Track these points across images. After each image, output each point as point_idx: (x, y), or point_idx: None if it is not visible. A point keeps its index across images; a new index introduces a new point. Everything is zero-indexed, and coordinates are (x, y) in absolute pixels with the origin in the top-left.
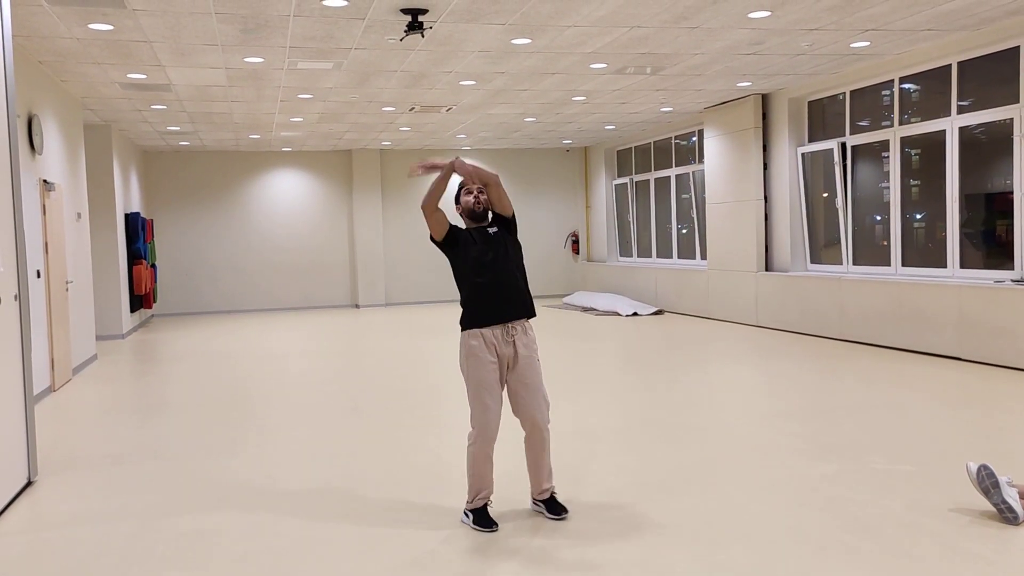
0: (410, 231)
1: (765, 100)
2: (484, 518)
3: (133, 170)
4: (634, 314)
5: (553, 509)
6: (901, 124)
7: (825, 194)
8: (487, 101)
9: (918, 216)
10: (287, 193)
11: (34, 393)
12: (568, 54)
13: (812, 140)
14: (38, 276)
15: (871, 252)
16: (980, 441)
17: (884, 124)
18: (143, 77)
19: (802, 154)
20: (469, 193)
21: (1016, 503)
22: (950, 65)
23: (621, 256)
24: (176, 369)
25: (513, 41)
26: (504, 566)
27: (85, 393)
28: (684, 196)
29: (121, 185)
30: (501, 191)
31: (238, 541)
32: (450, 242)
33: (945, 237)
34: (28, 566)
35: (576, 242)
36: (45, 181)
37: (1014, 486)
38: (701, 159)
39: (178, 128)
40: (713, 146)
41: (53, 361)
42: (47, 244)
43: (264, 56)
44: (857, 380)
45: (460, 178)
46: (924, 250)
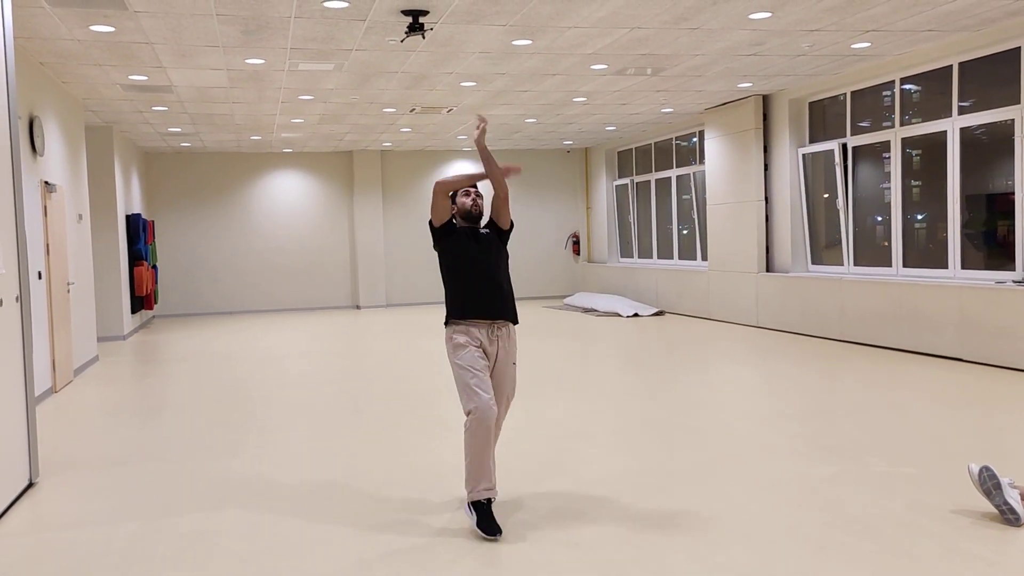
0: (411, 232)
1: (766, 101)
2: (487, 521)
3: (134, 171)
4: (635, 315)
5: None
6: (902, 125)
7: (826, 195)
8: (488, 102)
9: (919, 217)
10: (288, 194)
11: (35, 394)
12: (569, 55)
13: (813, 141)
14: (39, 277)
15: (872, 253)
16: (981, 442)
17: (885, 125)
18: (144, 78)
19: (803, 155)
20: (467, 195)
21: (1018, 504)
22: (951, 66)
23: (622, 257)
24: (177, 370)
25: (514, 42)
26: (505, 566)
27: (86, 394)
28: (685, 197)
29: (122, 186)
30: (508, 205)
31: (239, 542)
32: (447, 232)
33: (946, 238)
34: (30, 567)
35: (577, 243)
36: (46, 182)
37: (1016, 487)
38: (702, 160)
39: (179, 129)
40: (714, 147)
41: (54, 362)
42: (48, 245)
43: (265, 57)
44: (858, 381)
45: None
46: (925, 251)
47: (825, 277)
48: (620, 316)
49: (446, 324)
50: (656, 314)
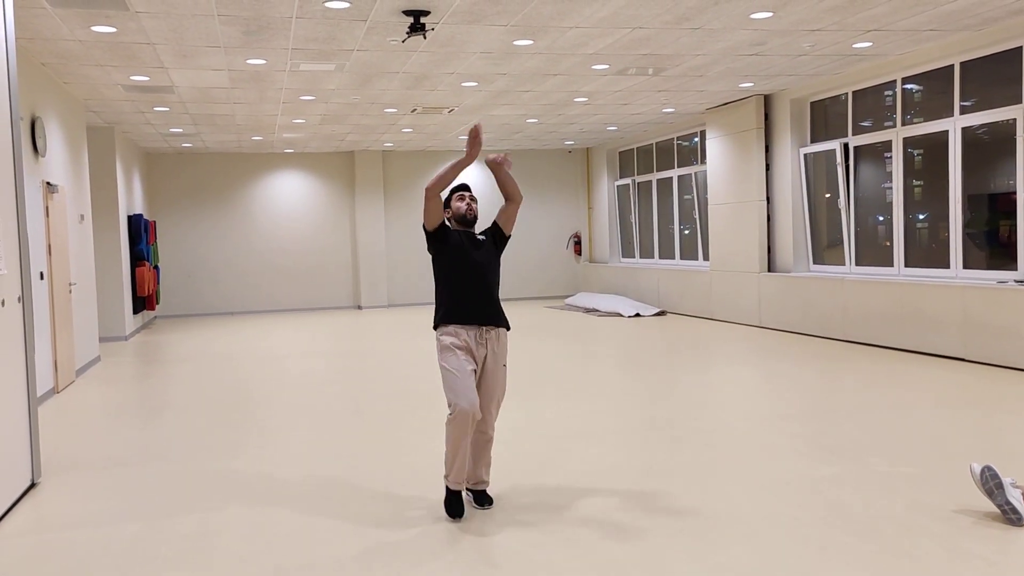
0: (412, 232)
1: (767, 101)
2: (452, 505)
3: (136, 172)
4: (636, 315)
5: (480, 500)
6: (904, 124)
7: (827, 195)
8: (489, 102)
9: (921, 217)
10: (289, 195)
11: (37, 395)
12: (570, 55)
13: (814, 141)
14: (41, 278)
15: (874, 253)
16: (983, 442)
17: (887, 124)
18: (146, 79)
19: (804, 155)
20: (462, 200)
21: (1020, 504)
22: (952, 65)
23: (623, 257)
24: (179, 370)
25: (515, 42)
26: (506, 565)
27: (88, 395)
28: (686, 197)
29: (124, 187)
30: (513, 213)
31: (240, 542)
32: (441, 236)
33: (948, 238)
34: (32, 567)
35: (578, 243)
36: (48, 183)
37: (1018, 487)
38: (703, 160)
39: (181, 130)
40: (715, 147)
41: (56, 363)
42: (50, 246)
43: (266, 58)
44: (860, 381)
45: (459, 180)
46: (927, 251)
47: (827, 277)
48: (622, 316)
49: (435, 327)
50: (658, 314)
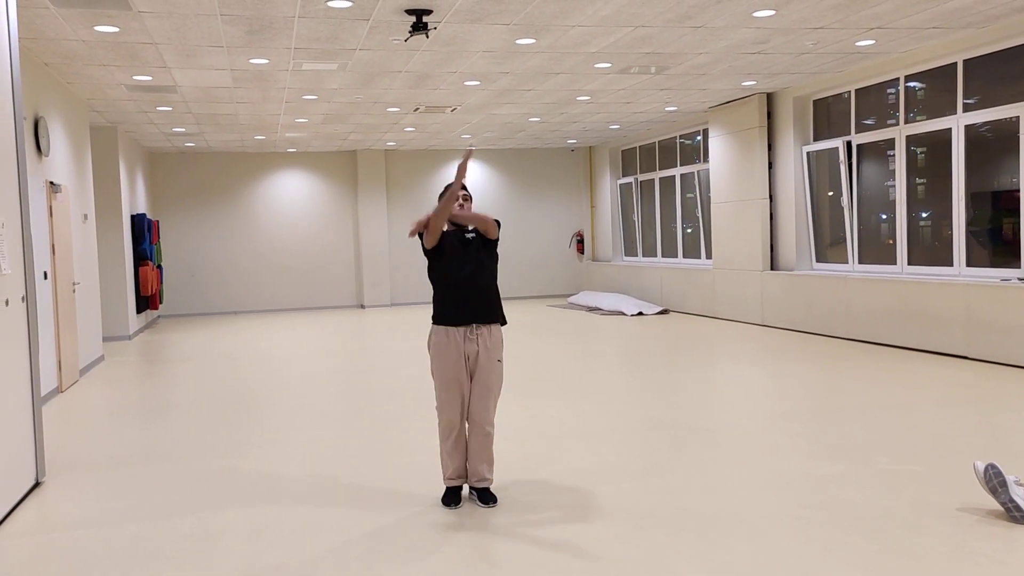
0: None
1: (770, 99)
2: (448, 496)
3: (139, 171)
4: (639, 314)
5: (483, 498)
6: (907, 122)
7: (830, 193)
8: (492, 101)
9: (924, 214)
10: (292, 194)
11: (41, 394)
12: (572, 54)
13: (817, 139)
14: (45, 278)
15: (877, 251)
16: (987, 440)
17: (889, 122)
18: (149, 79)
19: (807, 153)
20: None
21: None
22: (956, 63)
23: (626, 256)
24: (182, 370)
25: (517, 41)
26: (507, 563)
27: (92, 394)
28: (689, 195)
29: (127, 186)
30: (490, 227)
31: (244, 541)
32: (439, 251)
33: (951, 235)
34: (36, 567)
35: (581, 242)
36: (52, 183)
37: (1021, 485)
38: (706, 158)
39: (184, 129)
40: (718, 145)
41: (60, 362)
42: (54, 246)
43: (269, 57)
44: (863, 379)
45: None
46: (930, 248)
47: (830, 275)
48: (624, 315)
49: (432, 322)
50: (661, 313)
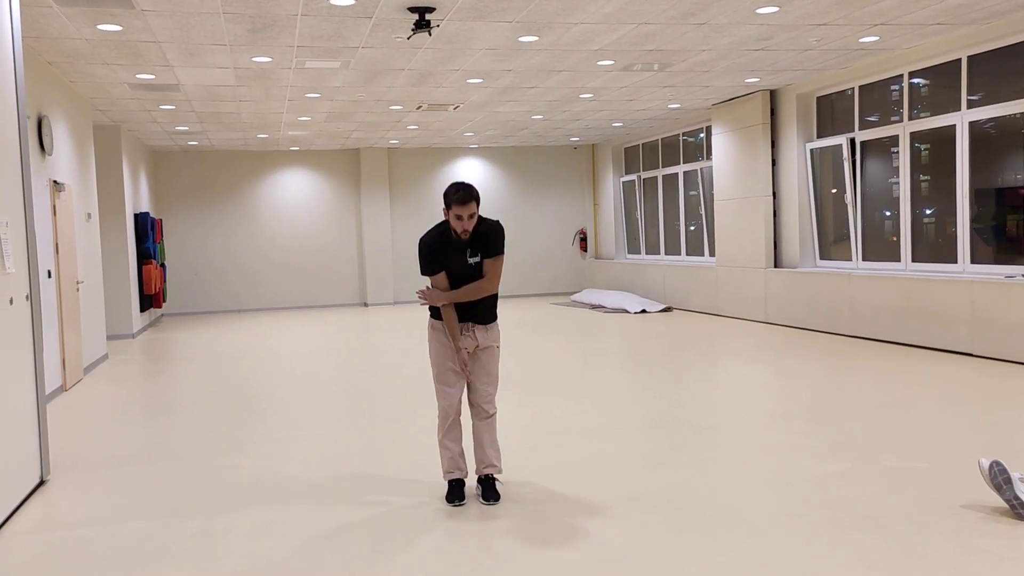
0: (418, 230)
1: (773, 96)
2: (451, 492)
3: (142, 170)
4: (643, 311)
5: (487, 495)
6: (910, 119)
7: (834, 190)
8: (494, 99)
9: (928, 211)
10: (295, 192)
11: (46, 393)
12: (575, 51)
13: (821, 136)
14: (49, 276)
15: (881, 248)
16: (992, 437)
17: (893, 119)
18: (152, 77)
19: (811, 150)
20: (460, 219)
21: None
22: (960, 59)
23: (629, 253)
24: (186, 368)
25: (520, 38)
26: (510, 561)
27: (96, 392)
28: (692, 193)
29: (130, 185)
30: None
31: (249, 540)
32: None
33: (955, 232)
34: (41, 565)
35: (584, 239)
36: (55, 182)
37: None
38: (709, 156)
39: (187, 128)
40: (721, 142)
41: (64, 361)
42: (58, 245)
43: (272, 55)
44: (867, 377)
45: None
46: (934, 245)
47: (834, 272)
48: (628, 312)
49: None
50: (664, 310)
